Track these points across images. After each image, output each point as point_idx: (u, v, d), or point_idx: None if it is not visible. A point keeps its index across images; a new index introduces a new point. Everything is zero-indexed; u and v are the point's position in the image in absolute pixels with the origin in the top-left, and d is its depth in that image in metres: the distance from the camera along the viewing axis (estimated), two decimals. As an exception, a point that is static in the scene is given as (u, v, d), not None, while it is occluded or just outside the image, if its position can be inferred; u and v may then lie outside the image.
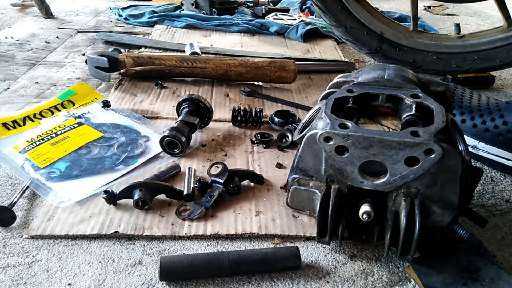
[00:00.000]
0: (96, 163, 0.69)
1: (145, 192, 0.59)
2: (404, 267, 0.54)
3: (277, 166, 0.72)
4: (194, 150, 0.76)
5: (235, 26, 1.50)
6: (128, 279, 0.50)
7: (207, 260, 0.50)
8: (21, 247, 0.54)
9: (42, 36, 1.37)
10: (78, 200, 0.61)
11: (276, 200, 0.64)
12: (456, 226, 0.51)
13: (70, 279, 0.50)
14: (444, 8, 2.02)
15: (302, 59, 1.23)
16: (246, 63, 1.01)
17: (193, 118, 0.76)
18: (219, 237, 0.57)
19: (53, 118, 0.82)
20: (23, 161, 0.69)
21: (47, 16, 1.58)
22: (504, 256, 0.56)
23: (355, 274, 0.52)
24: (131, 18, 1.57)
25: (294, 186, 0.57)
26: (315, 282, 0.51)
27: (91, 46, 1.30)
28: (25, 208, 0.60)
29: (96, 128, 0.78)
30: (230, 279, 0.51)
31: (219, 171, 0.64)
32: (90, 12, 1.70)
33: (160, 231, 0.56)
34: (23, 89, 0.98)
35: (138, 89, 0.99)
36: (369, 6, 1.17)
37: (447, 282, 0.50)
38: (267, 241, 0.57)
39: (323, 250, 0.56)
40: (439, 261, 0.53)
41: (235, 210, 0.61)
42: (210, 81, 1.05)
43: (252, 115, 0.83)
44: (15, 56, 1.18)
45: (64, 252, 0.53)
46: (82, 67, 1.12)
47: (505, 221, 0.63)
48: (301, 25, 1.46)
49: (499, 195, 0.69)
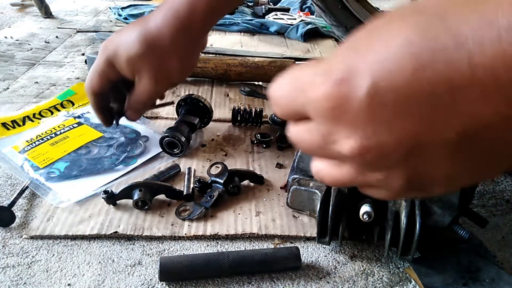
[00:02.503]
0: (95, 163, 0.69)
1: (145, 192, 0.59)
2: (404, 268, 0.54)
3: (277, 166, 0.72)
4: (194, 150, 0.76)
5: (235, 26, 1.50)
6: (128, 279, 0.50)
7: (207, 261, 0.50)
8: (21, 247, 0.54)
9: (41, 35, 1.37)
10: (78, 200, 0.61)
11: (276, 200, 0.63)
12: (457, 226, 0.51)
13: (70, 279, 0.49)
14: (444, 8, 2.02)
15: (302, 58, 1.22)
16: (246, 62, 1.00)
17: (193, 118, 0.76)
18: (219, 238, 0.57)
19: (52, 118, 0.82)
20: (22, 161, 0.69)
21: (47, 16, 1.57)
22: (505, 256, 0.56)
23: (355, 274, 0.52)
24: (130, 18, 1.57)
25: (294, 186, 0.57)
26: (315, 283, 0.51)
27: (90, 46, 1.30)
28: (25, 208, 0.60)
29: (96, 128, 0.78)
30: (230, 280, 0.51)
31: (219, 171, 0.64)
32: (90, 12, 1.70)
33: (159, 231, 0.56)
34: (23, 89, 0.98)
35: (138, 89, 0.99)
36: (370, 5, 1.17)
37: (448, 282, 0.50)
38: (267, 241, 0.57)
39: (323, 251, 0.56)
40: (439, 261, 0.53)
41: (235, 210, 0.61)
42: (209, 81, 1.05)
43: (252, 115, 0.83)
44: (14, 56, 1.18)
45: (63, 252, 0.53)
46: (81, 67, 1.11)
47: (505, 221, 0.63)
48: (301, 25, 1.46)
49: (499, 195, 0.69)
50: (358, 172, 0.26)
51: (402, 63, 0.21)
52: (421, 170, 0.24)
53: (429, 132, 0.22)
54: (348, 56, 0.24)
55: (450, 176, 0.24)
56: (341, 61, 0.24)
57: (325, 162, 0.28)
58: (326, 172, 0.28)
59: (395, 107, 0.22)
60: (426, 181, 0.25)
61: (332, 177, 0.28)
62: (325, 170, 0.28)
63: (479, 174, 0.25)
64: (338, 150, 0.25)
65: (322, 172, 0.28)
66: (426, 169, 0.24)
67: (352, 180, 0.27)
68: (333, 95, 0.23)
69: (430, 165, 0.24)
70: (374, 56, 0.22)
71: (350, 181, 0.27)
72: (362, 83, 0.22)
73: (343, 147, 0.24)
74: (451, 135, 0.22)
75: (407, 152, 0.23)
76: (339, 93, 0.23)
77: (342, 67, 0.23)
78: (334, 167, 0.27)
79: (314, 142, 0.26)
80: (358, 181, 0.27)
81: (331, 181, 0.28)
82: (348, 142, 0.24)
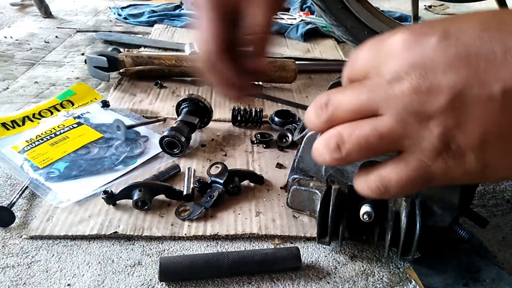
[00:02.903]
0: (95, 163, 0.69)
1: (145, 193, 0.59)
2: (404, 268, 0.54)
3: (277, 166, 0.72)
4: (193, 150, 0.76)
5: (235, 26, 1.50)
6: (128, 279, 0.50)
7: (207, 261, 0.50)
8: (20, 248, 0.53)
9: (41, 35, 1.37)
10: (78, 200, 0.61)
11: (276, 201, 0.63)
12: (457, 226, 0.51)
13: (70, 279, 0.49)
14: (445, 8, 2.02)
15: (302, 58, 1.22)
16: (246, 62, 1.00)
17: (193, 118, 0.76)
18: (219, 238, 0.57)
19: (52, 118, 0.82)
20: (22, 161, 0.69)
21: (46, 16, 1.57)
22: (505, 256, 0.56)
23: (355, 274, 0.52)
24: (130, 18, 1.57)
25: (295, 186, 0.57)
26: (315, 283, 0.51)
27: (90, 46, 1.30)
28: (24, 208, 0.60)
29: (96, 128, 0.78)
30: (230, 280, 0.50)
31: (219, 171, 0.64)
32: (90, 12, 1.70)
33: (159, 232, 0.56)
34: (22, 89, 0.98)
35: (138, 88, 0.99)
36: (370, 5, 1.17)
37: (448, 282, 0.50)
38: (267, 241, 0.57)
39: (324, 251, 0.56)
40: (440, 261, 0.53)
41: (235, 210, 0.61)
42: (210, 81, 1.04)
43: (252, 115, 0.83)
44: (14, 55, 1.18)
45: (63, 253, 0.53)
46: (81, 66, 1.11)
47: (506, 222, 0.63)
48: (301, 25, 1.45)
49: (500, 195, 0.69)
50: (399, 120, 0.27)
51: (472, 25, 0.26)
52: (458, 127, 0.25)
53: (477, 83, 0.25)
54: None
55: (484, 142, 0.25)
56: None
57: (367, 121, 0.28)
58: (367, 126, 0.28)
59: (455, 57, 0.25)
60: (459, 142, 0.26)
61: (373, 126, 0.28)
62: (368, 125, 0.28)
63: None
64: (395, 88, 0.26)
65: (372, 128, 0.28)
66: (463, 126, 0.25)
67: (393, 129, 0.27)
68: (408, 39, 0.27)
69: (469, 121, 0.25)
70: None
71: (390, 129, 0.27)
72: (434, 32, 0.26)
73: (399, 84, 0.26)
74: (495, 91, 0.24)
75: (454, 98, 0.25)
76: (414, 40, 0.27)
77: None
78: (374, 120, 0.28)
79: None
80: (397, 132, 0.27)
81: (371, 129, 0.28)
82: (407, 79, 0.26)
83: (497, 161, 0.26)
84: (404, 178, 0.28)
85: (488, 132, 0.25)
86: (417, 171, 0.27)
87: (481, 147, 0.26)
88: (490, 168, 0.27)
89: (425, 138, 0.26)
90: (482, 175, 0.27)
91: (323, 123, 0.30)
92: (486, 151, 0.26)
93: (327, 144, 0.29)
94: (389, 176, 0.28)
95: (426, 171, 0.27)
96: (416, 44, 0.26)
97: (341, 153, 0.29)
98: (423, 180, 0.28)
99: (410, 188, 0.28)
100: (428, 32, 0.26)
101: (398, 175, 0.28)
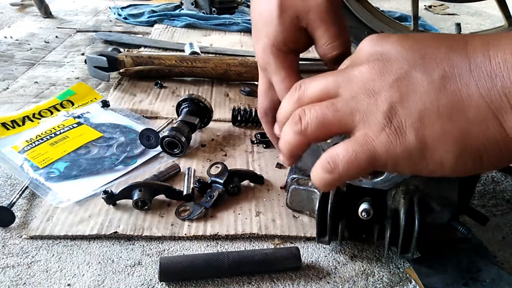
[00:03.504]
0: (95, 163, 0.69)
1: (145, 192, 0.59)
2: (404, 268, 0.54)
3: (277, 166, 0.72)
4: (193, 150, 0.76)
5: (235, 26, 1.50)
6: (128, 279, 0.50)
7: (207, 261, 0.50)
8: (20, 248, 0.53)
9: (41, 35, 1.37)
10: (78, 200, 0.61)
11: (276, 201, 0.63)
12: (456, 222, 0.51)
13: (70, 279, 0.49)
14: (445, 8, 2.02)
15: (302, 58, 1.22)
16: (246, 62, 1.00)
17: (193, 118, 0.76)
18: (219, 238, 0.57)
19: (52, 118, 0.82)
20: (22, 161, 0.69)
21: (46, 16, 1.57)
22: (505, 256, 0.56)
23: (355, 274, 0.52)
24: (130, 18, 1.57)
25: (293, 186, 0.57)
26: (315, 283, 0.51)
27: (90, 46, 1.30)
28: (24, 208, 0.60)
29: (95, 128, 0.78)
30: (230, 280, 0.50)
31: (219, 171, 0.64)
32: (90, 12, 1.70)
33: (159, 232, 0.56)
34: (22, 89, 0.98)
35: (138, 88, 0.99)
36: (370, 5, 1.17)
37: (448, 282, 0.50)
38: (267, 241, 0.57)
39: (324, 251, 0.56)
40: (439, 261, 0.53)
41: (235, 210, 0.61)
42: (209, 81, 1.05)
43: (252, 115, 0.83)
44: (14, 55, 1.18)
45: (63, 253, 0.53)
46: (81, 66, 1.11)
47: (506, 221, 0.63)
48: (301, 25, 1.45)
49: (500, 195, 0.69)
50: (353, 96, 0.31)
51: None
52: (401, 102, 0.29)
53: (422, 68, 0.29)
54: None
55: (422, 118, 0.28)
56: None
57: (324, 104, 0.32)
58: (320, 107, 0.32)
59: (409, 48, 0.31)
60: (401, 117, 0.29)
61: (331, 102, 0.32)
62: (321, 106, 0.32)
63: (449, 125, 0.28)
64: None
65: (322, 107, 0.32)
66: (406, 103, 0.29)
67: (346, 103, 0.31)
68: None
69: (411, 98, 0.29)
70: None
71: (344, 103, 0.31)
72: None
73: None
74: (436, 76, 0.29)
75: (400, 78, 0.29)
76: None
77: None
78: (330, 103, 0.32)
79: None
80: (350, 106, 0.31)
81: (328, 105, 0.31)
82: (366, 63, 0.31)
83: (435, 141, 0.28)
84: (350, 152, 0.30)
85: (426, 109, 0.28)
86: (362, 146, 0.30)
87: (420, 123, 0.28)
88: (428, 149, 0.29)
89: (372, 112, 0.29)
90: (421, 156, 0.29)
91: (294, 102, 0.34)
92: (425, 129, 0.28)
93: (292, 118, 0.33)
94: (338, 151, 0.31)
95: (370, 146, 0.30)
96: (380, 41, 0.32)
97: (301, 126, 0.32)
98: (367, 156, 0.30)
99: (357, 165, 0.30)
100: (391, 35, 0.32)
101: (345, 149, 0.30)
